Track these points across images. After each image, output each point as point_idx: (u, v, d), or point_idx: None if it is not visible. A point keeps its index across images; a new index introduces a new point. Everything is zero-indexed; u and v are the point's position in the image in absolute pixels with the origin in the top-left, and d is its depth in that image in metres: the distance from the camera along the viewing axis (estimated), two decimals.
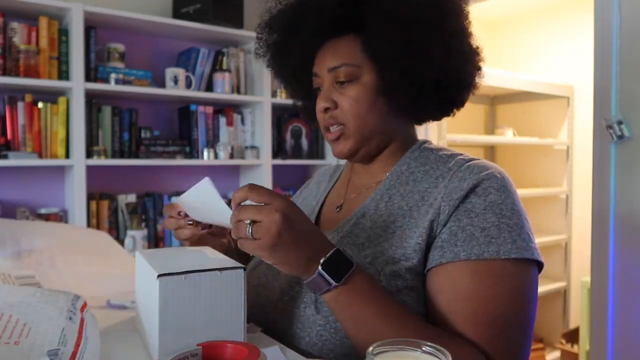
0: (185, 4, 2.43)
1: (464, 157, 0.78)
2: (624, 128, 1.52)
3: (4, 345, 0.49)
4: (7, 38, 2.01)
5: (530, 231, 0.71)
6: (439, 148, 0.83)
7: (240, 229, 0.61)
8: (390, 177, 0.81)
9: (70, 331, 0.54)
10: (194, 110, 2.45)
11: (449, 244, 0.68)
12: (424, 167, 0.79)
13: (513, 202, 0.71)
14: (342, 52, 0.79)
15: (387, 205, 0.77)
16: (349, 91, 0.78)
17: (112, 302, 0.86)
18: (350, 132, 0.80)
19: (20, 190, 2.20)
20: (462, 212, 0.69)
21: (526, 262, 0.68)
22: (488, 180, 0.71)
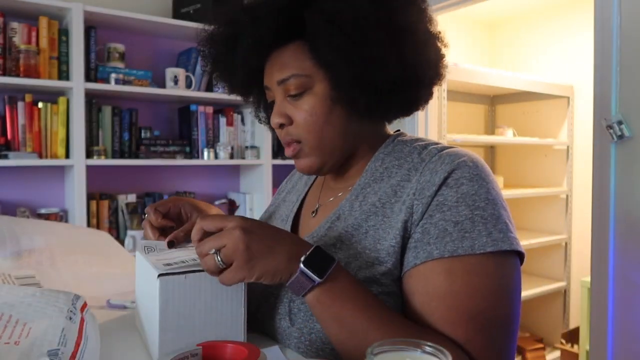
0: (185, 4, 2.43)
1: (437, 146, 0.73)
2: (624, 128, 1.52)
3: (3, 345, 0.49)
4: (7, 38, 2.01)
5: (509, 220, 0.67)
6: (414, 139, 0.79)
7: (210, 263, 0.59)
8: (365, 176, 0.77)
9: (70, 331, 0.54)
10: (194, 110, 2.45)
11: (422, 243, 0.65)
12: (397, 161, 0.75)
13: (487, 191, 0.66)
14: (290, 62, 0.73)
15: (361, 205, 0.73)
16: (302, 104, 0.73)
17: (112, 302, 0.86)
18: (308, 149, 0.75)
19: (20, 190, 2.20)
20: (434, 207, 0.66)
21: (504, 254, 0.64)
22: (459, 169, 0.67)
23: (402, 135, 0.82)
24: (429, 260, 0.63)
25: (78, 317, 0.58)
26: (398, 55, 0.69)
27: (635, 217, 1.53)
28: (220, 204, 2.61)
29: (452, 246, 0.63)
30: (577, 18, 2.97)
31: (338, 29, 0.67)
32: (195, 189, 2.60)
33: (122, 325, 0.75)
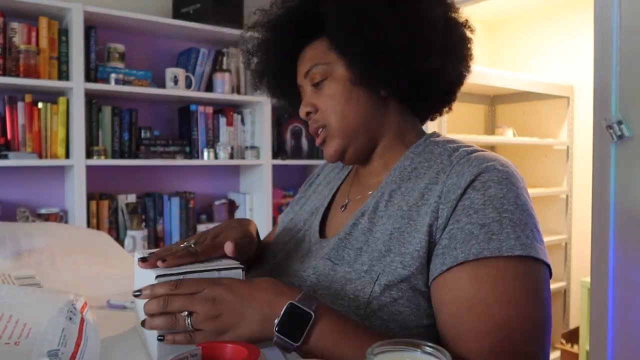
0: (185, 4, 2.43)
1: (467, 148, 0.72)
2: (624, 128, 1.52)
3: (3, 346, 0.49)
4: (7, 38, 2.01)
5: (537, 229, 0.64)
6: (446, 140, 0.77)
7: (180, 324, 0.60)
8: (393, 174, 0.77)
9: (70, 331, 0.54)
10: (194, 110, 2.45)
11: (449, 249, 0.63)
12: (427, 163, 0.74)
13: (517, 195, 0.64)
14: (311, 55, 0.80)
15: (387, 205, 0.73)
16: (324, 90, 0.78)
17: (112, 302, 0.86)
18: (333, 131, 0.78)
19: (20, 190, 2.20)
20: (460, 210, 0.64)
21: (533, 261, 0.61)
22: (487, 172, 0.65)
23: (435, 136, 0.80)
24: (454, 265, 0.61)
25: (78, 317, 0.58)
26: (399, 22, 0.70)
27: (635, 217, 1.53)
28: (220, 204, 2.61)
29: (478, 248, 0.61)
30: (577, 18, 2.97)
31: (345, 11, 0.72)
32: (195, 189, 2.60)
33: (121, 325, 0.75)
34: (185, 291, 0.61)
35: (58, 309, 0.57)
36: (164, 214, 2.42)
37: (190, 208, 2.47)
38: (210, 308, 0.59)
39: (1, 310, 0.56)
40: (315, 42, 0.80)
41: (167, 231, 2.42)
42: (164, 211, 2.42)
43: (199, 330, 0.60)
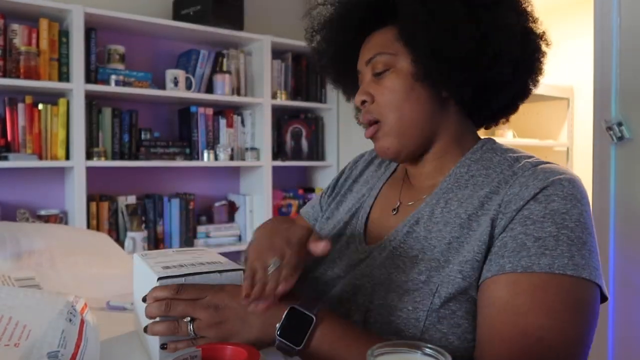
0: (185, 6, 2.43)
1: (532, 160, 0.69)
2: (624, 129, 1.52)
3: (3, 347, 0.49)
4: (7, 39, 2.01)
5: (595, 250, 0.61)
6: (505, 149, 0.75)
7: (183, 330, 0.59)
8: (448, 180, 0.73)
9: (70, 333, 0.54)
10: (194, 111, 2.45)
11: (497, 256, 0.60)
12: (486, 171, 0.71)
13: (580, 213, 0.61)
14: (377, 42, 0.76)
15: (442, 212, 0.70)
16: (385, 82, 0.74)
17: (111, 303, 0.86)
18: (388, 128, 0.74)
19: (20, 191, 2.20)
20: (517, 220, 0.61)
21: (584, 282, 0.57)
22: (553, 186, 0.62)
23: (492, 143, 0.77)
24: (500, 274, 0.59)
25: (78, 318, 0.58)
26: (475, 26, 0.67)
27: (635, 218, 1.53)
28: (220, 205, 2.61)
29: (528, 262, 0.58)
30: (577, 20, 2.97)
31: (420, 5, 0.69)
32: (195, 191, 2.60)
33: (121, 326, 0.75)
34: (187, 297, 0.60)
35: (58, 310, 0.57)
36: (164, 215, 2.42)
37: (190, 209, 2.47)
38: (212, 315, 0.59)
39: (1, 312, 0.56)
40: (384, 29, 0.76)
41: (167, 232, 2.42)
42: (164, 212, 2.42)
43: (201, 337, 0.60)
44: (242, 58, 2.60)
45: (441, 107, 0.74)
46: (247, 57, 2.63)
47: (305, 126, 2.80)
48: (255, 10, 2.73)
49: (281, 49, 2.70)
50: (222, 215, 2.61)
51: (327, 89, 2.82)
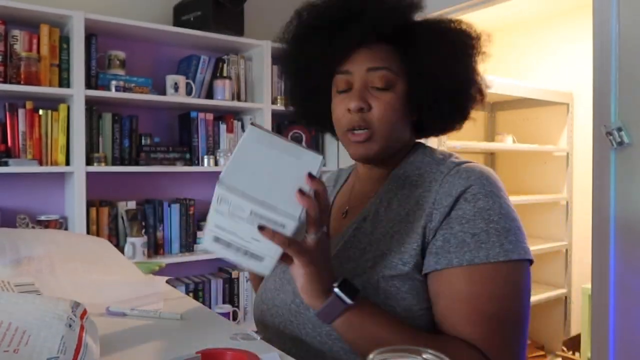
0: (185, 12, 2.44)
1: (454, 159, 0.82)
2: (624, 134, 1.53)
3: (3, 353, 0.49)
4: (8, 45, 2.02)
5: (519, 230, 0.75)
6: (432, 150, 0.87)
7: None
8: (389, 182, 0.85)
9: (69, 339, 0.54)
10: (194, 117, 2.46)
11: (443, 251, 0.73)
12: (418, 171, 0.83)
13: (500, 205, 0.74)
14: (385, 57, 0.81)
15: (386, 210, 0.81)
16: (384, 96, 0.80)
17: (111, 309, 0.86)
18: (378, 138, 0.81)
19: (20, 197, 2.20)
20: (453, 218, 0.74)
21: (515, 263, 0.72)
22: (475, 185, 0.75)
23: (423, 147, 0.89)
24: (449, 267, 0.72)
25: (78, 324, 0.58)
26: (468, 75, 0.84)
27: (635, 223, 1.53)
28: None
29: (470, 256, 0.71)
30: (577, 25, 2.98)
31: (439, 45, 0.81)
32: (195, 196, 2.60)
33: (121, 332, 0.75)
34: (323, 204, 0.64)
35: (57, 316, 0.57)
36: (164, 220, 2.41)
37: (191, 215, 2.47)
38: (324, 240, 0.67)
39: (0, 317, 0.55)
40: (386, 45, 0.82)
41: (167, 238, 2.42)
42: (164, 218, 2.41)
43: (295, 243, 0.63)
44: (242, 63, 2.61)
45: (408, 125, 0.86)
46: (247, 62, 2.63)
47: (305, 131, 2.81)
48: (255, 16, 2.74)
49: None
50: None
51: None
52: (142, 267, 1.22)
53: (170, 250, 2.42)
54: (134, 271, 1.17)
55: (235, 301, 2.59)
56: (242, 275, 2.60)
